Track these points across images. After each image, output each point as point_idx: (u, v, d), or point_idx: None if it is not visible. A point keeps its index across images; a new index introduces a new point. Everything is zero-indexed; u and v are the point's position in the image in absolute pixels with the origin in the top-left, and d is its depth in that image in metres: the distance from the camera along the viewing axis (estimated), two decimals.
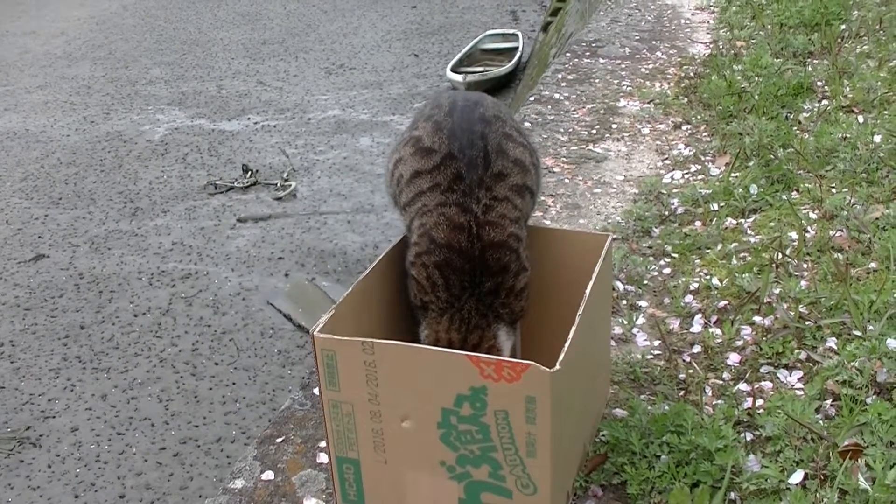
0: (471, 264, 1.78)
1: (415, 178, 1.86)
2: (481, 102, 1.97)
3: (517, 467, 1.53)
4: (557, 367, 1.45)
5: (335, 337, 1.57)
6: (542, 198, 3.16)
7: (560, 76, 4.57)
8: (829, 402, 1.96)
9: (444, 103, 1.98)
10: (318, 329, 1.59)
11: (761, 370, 2.12)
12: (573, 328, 1.56)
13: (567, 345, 1.51)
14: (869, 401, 1.91)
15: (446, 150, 1.84)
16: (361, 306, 1.76)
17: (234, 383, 4.87)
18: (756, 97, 3.82)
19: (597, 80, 4.49)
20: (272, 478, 1.91)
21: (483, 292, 1.78)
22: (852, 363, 2.03)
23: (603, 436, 1.89)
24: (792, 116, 3.68)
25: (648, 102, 4.13)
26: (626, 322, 2.35)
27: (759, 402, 2.00)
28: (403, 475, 1.63)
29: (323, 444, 1.99)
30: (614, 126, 3.88)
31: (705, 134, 3.70)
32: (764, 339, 2.21)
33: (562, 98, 4.23)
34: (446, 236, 1.79)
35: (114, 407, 4.69)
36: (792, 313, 2.27)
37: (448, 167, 1.83)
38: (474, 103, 1.96)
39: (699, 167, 3.37)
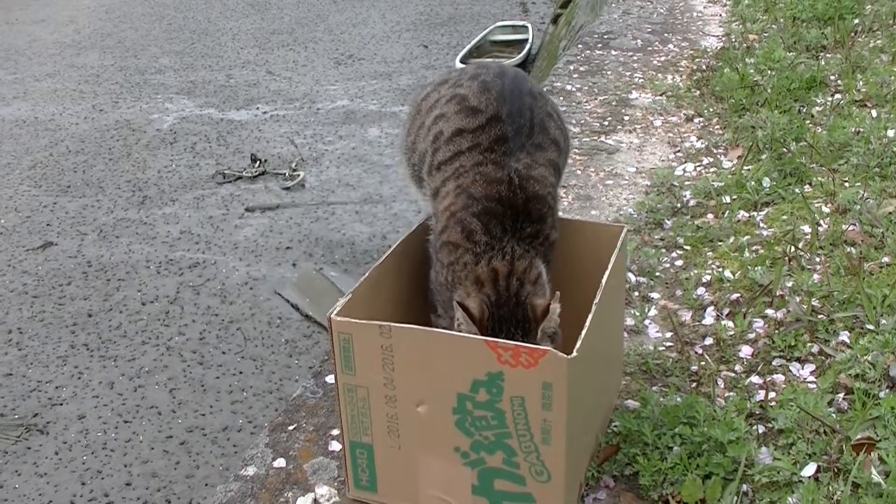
0: (513, 211, 1.78)
1: (456, 136, 1.86)
2: (527, 78, 2.00)
3: (531, 454, 1.52)
4: (575, 353, 1.45)
5: (352, 320, 1.56)
6: None
7: (572, 68, 4.56)
8: (841, 395, 1.95)
9: (492, 66, 1.99)
10: (335, 312, 1.58)
11: (773, 363, 2.11)
12: (589, 316, 1.56)
13: (584, 332, 1.51)
14: (882, 395, 1.91)
15: (493, 111, 1.84)
16: (376, 293, 1.75)
17: (240, 372, 4.87)
18: (769, 90, 3.81)
19: (609, 72, 4.48)
20: (284, 465, 1.91)
21: (524, 236, 1.78)
22: (865, 357, 2.02)
23: (615, 426, 1.89)
24: (805, 110, 3.66)
25: (660, 95, 4.12)
26: (638, 314, 2.35)
27: (772, 394, 1.99)
28: (417, 461, 1.63)
29: (335, 432, 1.99)
30: (626, 118, 3.87)
31: (717, 127, 3.69)
32: (776, 332, 2.20)
33: (574, 90, 4.22)
34: (485, 190, 1.79)
35: (121, 395, 4.69)
36: (804, 306, 2.26)
37: (493, 128, 1.83)
38: (523, 76, 1.98)
39: (711, 160, 3.36)
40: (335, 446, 1.95)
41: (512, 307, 1.71)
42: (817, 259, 2.54)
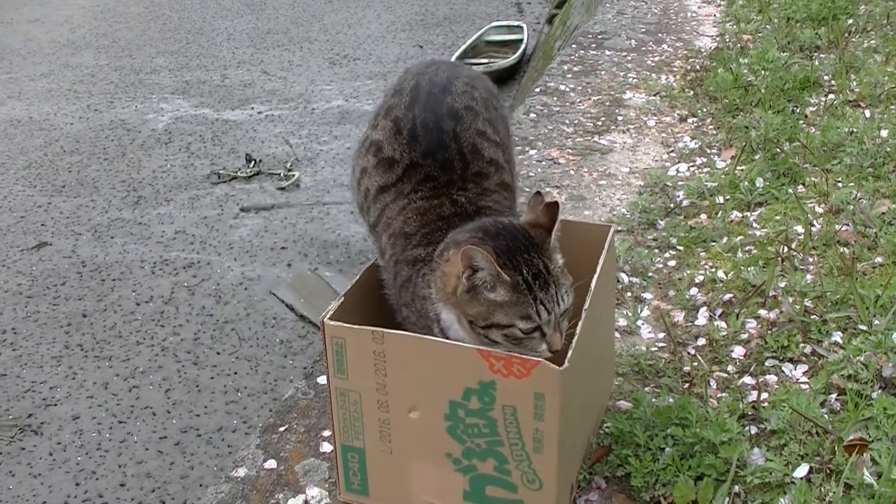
0: (464, 219, 1.67)
1: (380, 193, 1.77)
2: (449, 88, 1.81)
3: (523, 462, 1.52)
4: (566, 364, 1.44)
5: (345, 325, 1.56)
6: (548, 189, 3.15)
7: (566, 68, 4.55)
8: (834, 396, 1.96)
9: (406, 89, 1.83)
10: (328, 316, 1.58)
11: (766, 364, 2.11)
12: (580, 324, 1.55)
13: (574, 341, 1.50)
14: (874, 395, 1.91)
15: (408, 159, 1.73)
16: (367, 295, 1.75)
17: (235, 373, 4.86)
18: (762, 91, 3.81)
19: (603, 72, 4.48)
20: (275, 466, 1.91)
21: None
22: (858, 357, 2.02)
23: (607, 428, 1.89)
24: (798, 110, 3.66)
25: (654, 95, 4.12)
26: (630, 314, 2.35)
27: (764, 395, 1.99)
28: (408, 466, 1.63)
29: (326, 433, 1.98)
30: (620, 118, 3.87)
31: (711, 127, 3.69)
32: (769, 332, 2.21)
33: (567, 90, 4.22)
34: (420, 220, 1.69)
35: (115, 395, 4.68)
36: (797, 307, 2.26)
37: (413, 176, 1.72)
38: (441, 90, 1.80)
39: (705, 160, 3.36)
40: (326, 447, 1.94)
41: (511, 231, 1.57)
42: (810, 259, 2.54)
